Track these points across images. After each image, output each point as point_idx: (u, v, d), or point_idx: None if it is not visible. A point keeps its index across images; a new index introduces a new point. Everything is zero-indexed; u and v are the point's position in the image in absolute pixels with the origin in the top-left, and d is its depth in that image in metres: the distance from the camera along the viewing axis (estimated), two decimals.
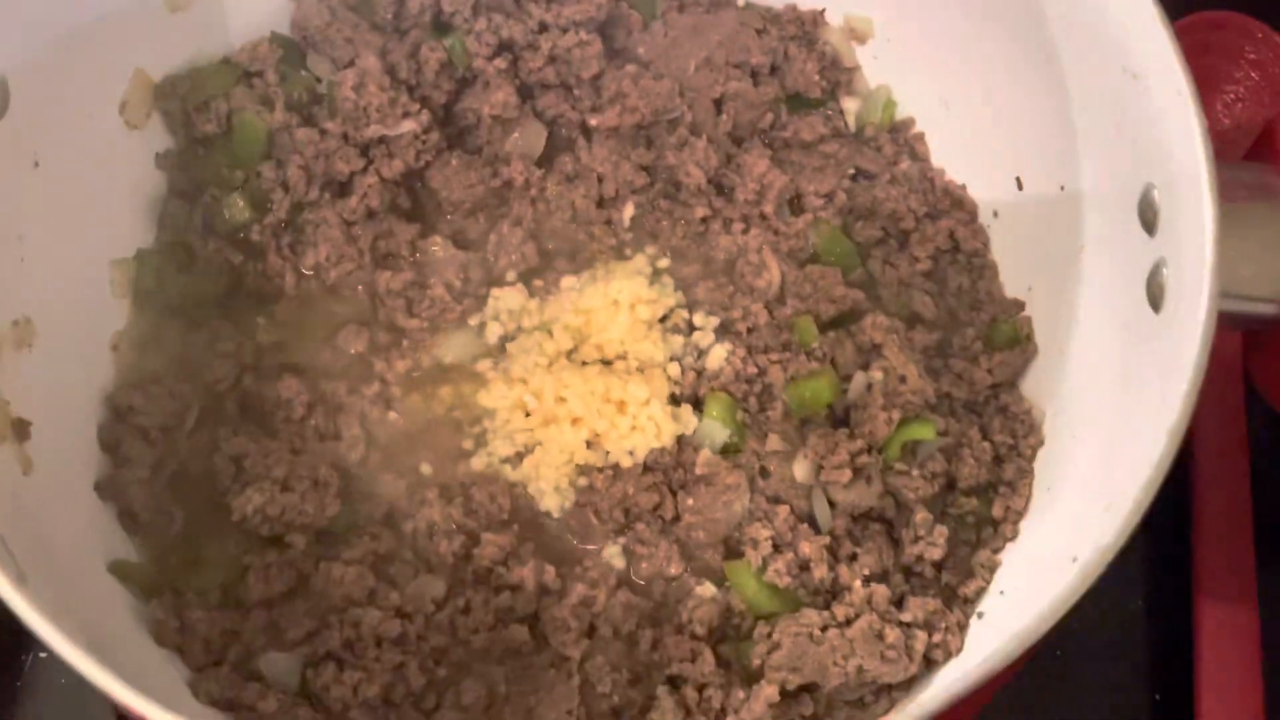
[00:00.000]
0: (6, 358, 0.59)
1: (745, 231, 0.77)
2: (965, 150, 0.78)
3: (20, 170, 0.61)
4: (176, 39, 0.72)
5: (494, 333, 0.73)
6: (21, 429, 0.59)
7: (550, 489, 0.68)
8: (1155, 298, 0.55)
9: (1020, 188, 0.73)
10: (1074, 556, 0.54)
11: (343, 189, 0.75)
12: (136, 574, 0.64)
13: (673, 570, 0.67)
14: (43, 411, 0.61)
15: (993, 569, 0.66)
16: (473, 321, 0.74)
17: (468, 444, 0.71)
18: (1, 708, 0.72)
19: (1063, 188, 0.68)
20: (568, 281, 0.75)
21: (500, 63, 0.76)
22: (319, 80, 0.76)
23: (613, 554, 0.68)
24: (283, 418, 0.70)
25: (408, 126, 0.74)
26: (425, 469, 0.70)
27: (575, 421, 0.68)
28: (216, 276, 0.73)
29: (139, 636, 0.61)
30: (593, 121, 0.77)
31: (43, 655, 0.74)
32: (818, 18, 0.81)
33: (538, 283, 0.76)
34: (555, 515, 0.68)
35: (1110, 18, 0.58)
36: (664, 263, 0.76)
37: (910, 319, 0.75)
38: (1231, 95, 0.85)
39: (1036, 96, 0.68)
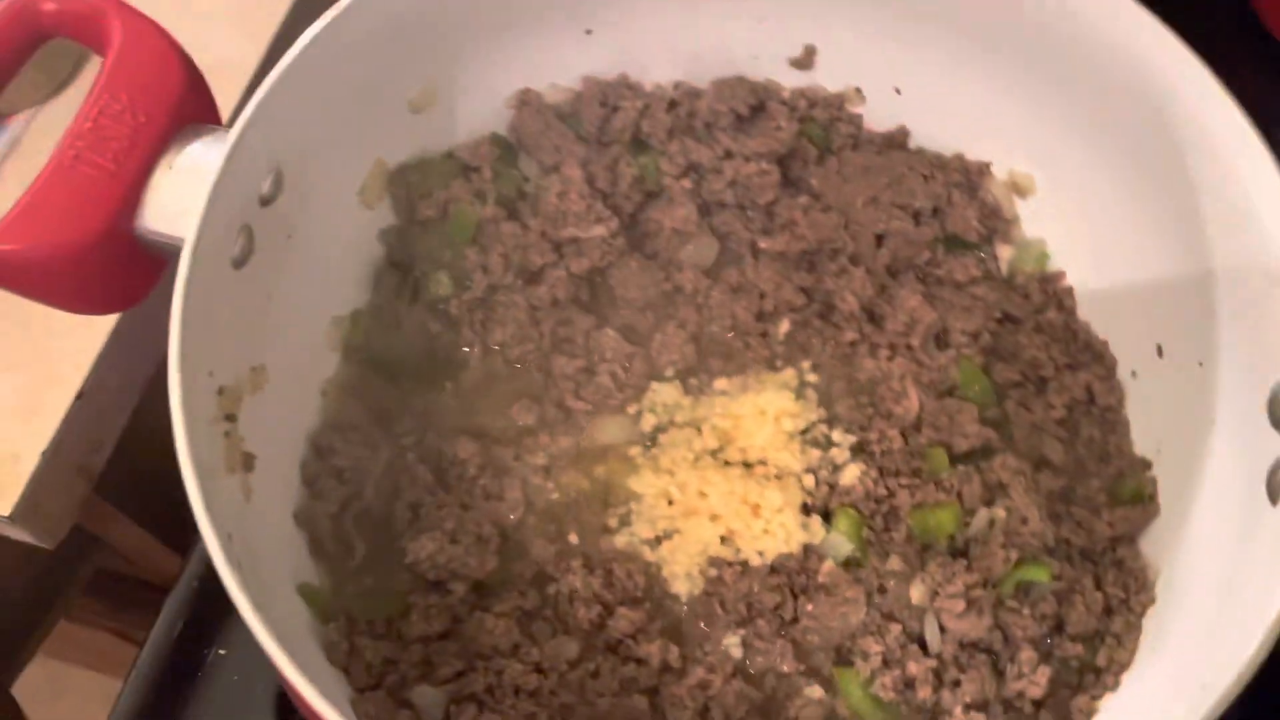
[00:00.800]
0: (246, 399, 0.70)
1: (890, 359, 0.82)
2: (1111, 309, 0.82)
3: (278, 241, 0.72)
4: (412, 134, 0.83)
5: (648, 422, 0.81)
6: (249, 462, 0.69)
7: (683, 574, 0.75)
8: (1274, 492, 0.59)
9: (1160, 355, 0.77)
10: None
11: (533, 277, 0.85)
12: (318, 597, 0.73)
13: (785, 668, 0.73)
14: (264, 447, 0.71)
15: (1090, 714, 0.70)
16: (630, 410, 0.82)
17: (612, 521, 0.78)
18: (184, 696, 0.83)
19: (1201, 364, 0.72)
20: (720, 384, 0.82)
21: (686, 182, 0.85)
22: (526, 180, 0.86)
23: (731, 644, 0.74)
24: (456, 475, 0.79)
25: (599, 231, 0.83)
26: (573, 538, 0.78)
27: (714, 518, 0.75)
28: (416, 341, 0.83)
29: (315, 653, 0.70)
30: (763, 244, 0.84)
31: (221, 652, 0.84)
32: (983, 168, 0.87)
33: (693, 381, 0.83)
34: (683, 599, 0.75)
35: (1256, 217, 0.62)
36: (811, 377, 0.83)
37: (1039, 462, 0.79)
38: None
39: (1185, 276, 0.72)
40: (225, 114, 0.72)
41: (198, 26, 1.06)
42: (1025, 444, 0.80)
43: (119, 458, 0.98)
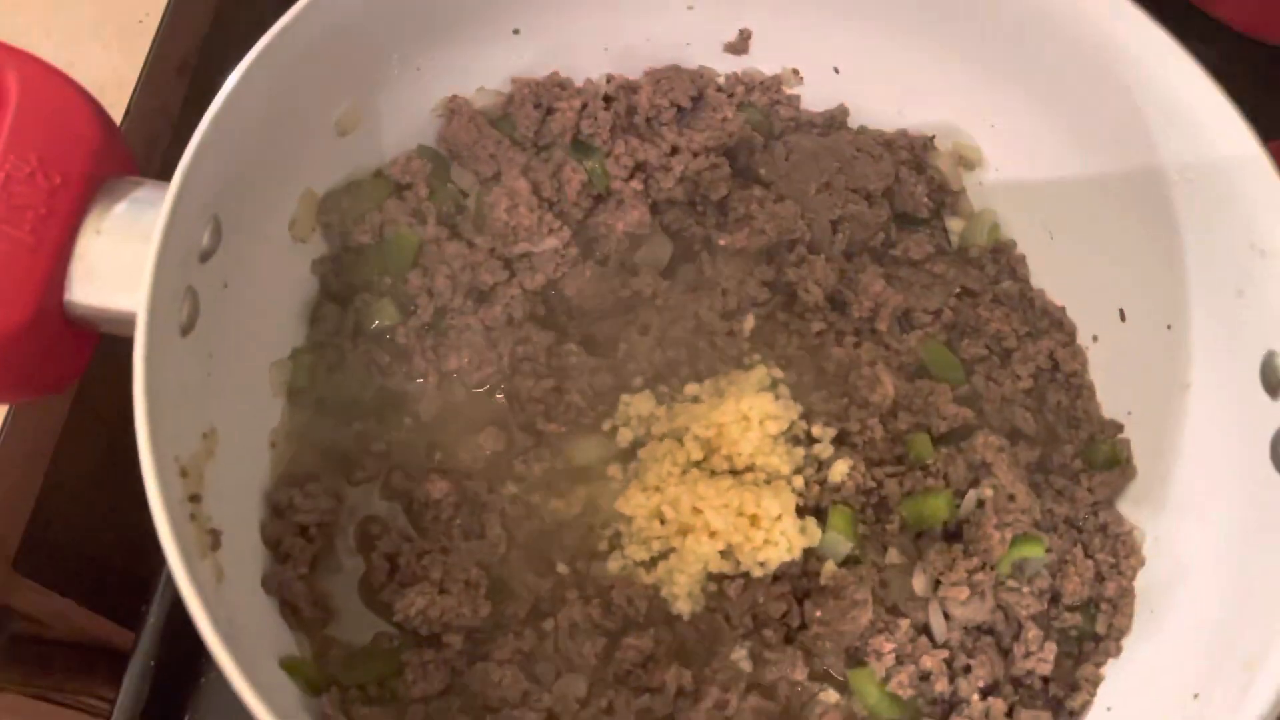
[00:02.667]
0: (204, 471, 0.63)
1: (858, 345, 0.81)
2: (1067, 276, 0.82)
3: (214, 293, 0.65)
4: (339, 158, 0.77)
5: (625, 438, 0.78)
6: (216, 540, 0.63)
7: (684, 594, 0.73)
8: None
9: (1123, 319, 0.78)
10: (1195, 693, 0.58)
11: (484, 297, 0.80)
12: (303, 668, 0.68)
13: (797, 675, 0.72)
14: (225, 518, 0.65)
15: (1096, 683, 0.71)
16: (604, 426, 0.78)
17: (601, 545, 0.75)
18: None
19: (1169, 327, 0.73)
20: (691, 389, 0.80)
21: (636, 183, 0.81)
22: (465, 194, 0.81)
23: (739, 657, 0.72)
24: (431, 517, 0.74)
25: (551, 243, 0.79)
26: (562, 568, 0.74)
27: (712, 534, 0.72)
28: (364, 376, 0.78)
29: None
30: (722, 242, 0.81)
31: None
32: (928, 143, 0.86)
33: (662, 388, 0.80)
34: (685, 618, 0.73)
35: (1239, 193, 0.63)
36: (778, 372, 0.81)
37: (1012, 434, 0.80)
38: None
39: (1147, 244, 0.73)
40: None
41: (64, 47, 0.96)
42: (997, 417, 0.80)
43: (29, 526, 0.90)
